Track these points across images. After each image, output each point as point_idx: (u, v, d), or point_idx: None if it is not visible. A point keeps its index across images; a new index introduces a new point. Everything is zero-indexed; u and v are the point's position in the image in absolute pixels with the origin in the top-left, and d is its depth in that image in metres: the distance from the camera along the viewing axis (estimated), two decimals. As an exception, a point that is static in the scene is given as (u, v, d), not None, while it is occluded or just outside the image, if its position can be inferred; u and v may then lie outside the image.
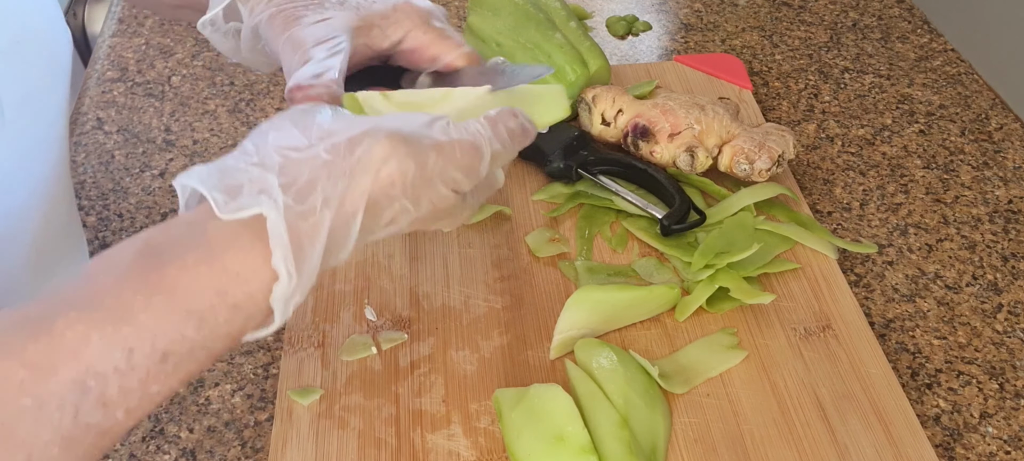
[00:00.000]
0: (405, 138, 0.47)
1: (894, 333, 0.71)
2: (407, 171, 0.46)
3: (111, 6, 1.08)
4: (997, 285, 0.75)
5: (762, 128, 0.79)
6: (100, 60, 0.98)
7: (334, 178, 0.45)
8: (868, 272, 0.76)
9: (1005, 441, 0.64)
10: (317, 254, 0.45)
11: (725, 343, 0.67)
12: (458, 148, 0.49)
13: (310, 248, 0.44)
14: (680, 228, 0.74)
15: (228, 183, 0.44)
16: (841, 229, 0.80)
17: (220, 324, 0.43)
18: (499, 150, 0.51)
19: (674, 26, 1.05)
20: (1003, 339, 0.71)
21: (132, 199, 0.81)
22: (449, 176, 0.48)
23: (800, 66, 0.99)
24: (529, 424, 0.59)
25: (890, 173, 0.86)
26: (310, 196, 0.45)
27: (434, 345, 0.67)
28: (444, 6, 1.08)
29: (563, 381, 0.63)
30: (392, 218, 0.48)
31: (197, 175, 0.45)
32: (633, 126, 0.79)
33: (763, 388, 0.64)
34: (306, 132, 0.47)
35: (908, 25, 1.06)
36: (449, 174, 0.48)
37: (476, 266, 0.73)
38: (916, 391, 0.67)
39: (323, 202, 0.45)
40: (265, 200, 0.44)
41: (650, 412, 0.61)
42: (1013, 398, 0.67)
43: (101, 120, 0.90)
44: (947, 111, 0.93)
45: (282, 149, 0.46)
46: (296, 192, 0.45)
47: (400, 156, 0.46)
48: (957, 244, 0.79)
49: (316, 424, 0.62)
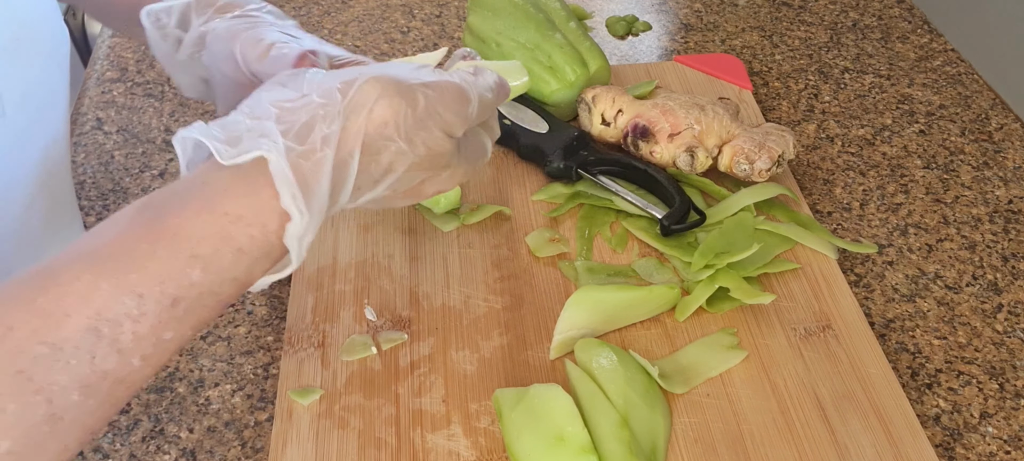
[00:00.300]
0: (395, 79, 0.49)
1: (894, 333, 0.71)
2: (399, 109, 0.48)
3: (111, 6, 1.08)
4: (997, 285, 0.75)
5: (762, 128, 0.79)
6: (100, 60, 0.98)
7: (330, 119, 0.47)
8: (868, 272, 0.76)
9: (1005, 441, 0.64)
10: (324, 191, 0.46)
11: (725, 343, 0.67)
12: (446, 89, 0.51)
13: (316, 185, 0.46)
14: (680, 228, 0.74)
15: (229, 135, 0.46)
16: (841, 229, 0.80)
17: (226, 268, 0.44)
18: (484, 95, 0.53)
19: (674, 26, 1.05)
20: (1003, 339, 0.71)
21: (132, 199, 0.81)
22: (440, 116, 0.50)
23: (800, 66, 0.99)
24: (529, 424, 0.59)
25: (890, 173, 0.86)
26: (309, 136, 0.46)
27: (434, 345, 0.67)
28: (444, 6, 1.08)
29: (563, 381, 0.63)
30: (389, 163, 0.49)
31: (197, 128, 0.46)
32: (633, 126, 0.79)
33: (763, 388, 0.64)
34: (297, 88, 0.49)
35: (908, 25, 1.06)
36: (439, 114, 0.50)
37: (476, 266, 0.73)
38: (916, 391, 0.67)
39: (322, 140, 0.46)
40: (265, 142, 0.45)
41: (650, 412, 0.61)
42: (1013, 398, 0.67)
43: (101, 120, 0.90)
44: (947, 111, 0.93)
45: (277, 102, 0.48)
46: (295, 134, 0.46)
47: (391, 95, 0.48)
48: (957, 244, 0.79)
49: (316, 424, 0.62)
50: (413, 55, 0.64)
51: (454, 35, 1.03)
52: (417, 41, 1.02)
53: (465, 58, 0.64)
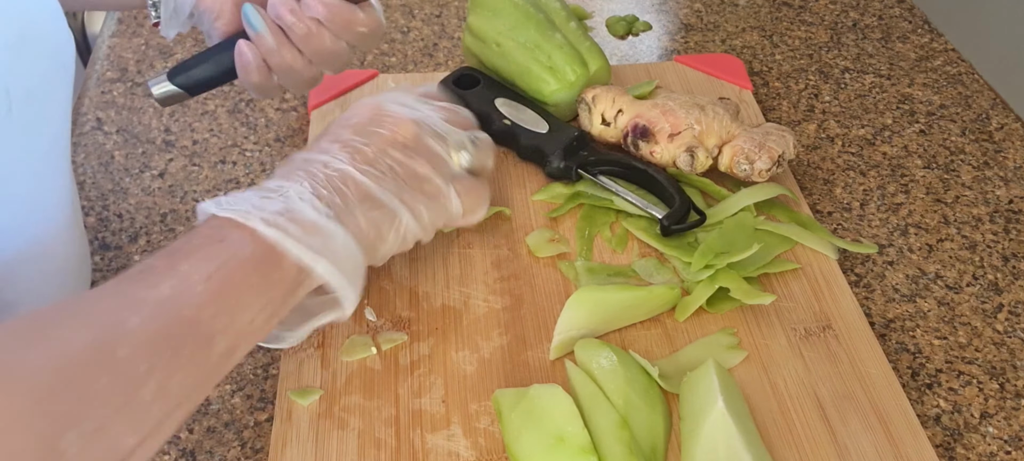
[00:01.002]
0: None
1: (894, 333, 0.71)
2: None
3: (111, 6, 1.08)
4: (998, 285, 0.75)
5: (762, 128, 0.79)
6: (100, 60, 0.98)
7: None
8: (868, 272, 0.76)
9: (1006, 441, 0.64)
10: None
11: (725, 343, 0.67)
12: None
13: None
14: (680, 228, 0.74)
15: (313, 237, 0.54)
16: (841, 229, 0.80)
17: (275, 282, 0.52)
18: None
19: (674, 26, 1.05)
20: (1003, 339, 0.71)
21: (132, 199, 0.81)
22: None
23: (800, 66, 0.99)
24: (529, 424, 0.59)
25: (890, 173, 0.86)
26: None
27: (434, 345, 0.67)
28: (444, 6, 1.08)
29: (563, 381, 0.63)
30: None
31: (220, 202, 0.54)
32: (633, 126, 0.79)
33: (763, 388, 0.64)
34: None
35: (908, 25, 1.06)
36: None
37: (476, 266, 0.73)
38: (916, 391, 0.67)
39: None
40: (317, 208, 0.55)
41: (650, 412, 0.61)
42: (1014, 398, 0.67)
43: (100, 120, 0.90)
44: (948, 111, 0.93)
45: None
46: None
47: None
48: (957, 244, 0.79)
49: (316, 424, 0.62)
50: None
51: (454, 35, 1.03)
52: (417, 41, 1.02)
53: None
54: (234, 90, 0.94)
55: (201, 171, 0.84)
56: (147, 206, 0.81)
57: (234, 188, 0.83)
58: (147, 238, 0.78)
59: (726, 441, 0.58)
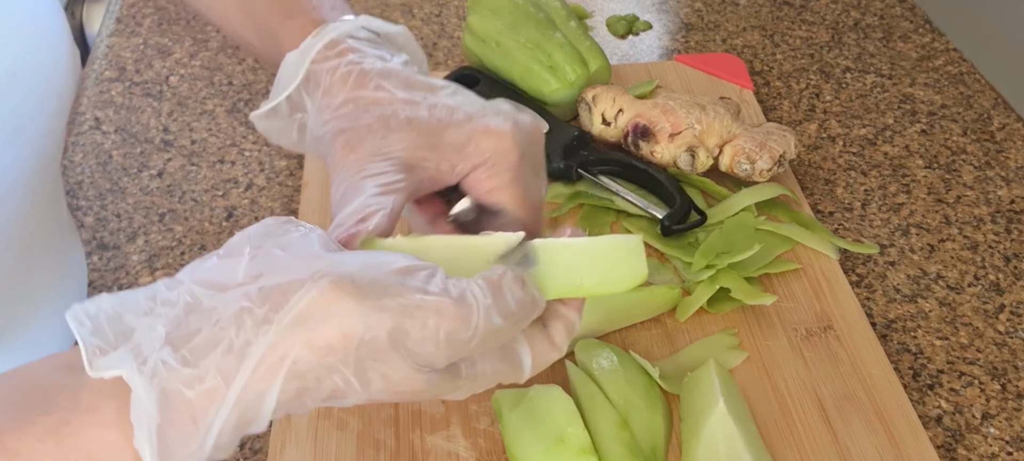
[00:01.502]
0: (359, 289, 0.36)
1: (896, 334, 0.71)
2: (351, 334, 0.36)
3: (109, 5, 1.07)
4: (999, 285, 0.75)
5: (763, 128, 0.79)
6: (98, 60, 0.98)
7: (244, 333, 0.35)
8: (870, 272, 0.76)
9: (1007, 442, 0.64)
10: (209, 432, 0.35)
11: (726, 344, 0.67)
12: (435, 312, 0.37)
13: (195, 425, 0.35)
14: (681, 228, 0.74)
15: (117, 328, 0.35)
16: (842, 229, 0.79)
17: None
18: (498, 325, 0.39)
19: (675, 25, 1.05)
20: (1005, 340, 0.70)
21: (130, 199, 0.81)
22: (413, 348, 0.38)
23: (801, 66, 0.99)
24: (529, 425, 0.59)
25: (892, 173, 0.85)
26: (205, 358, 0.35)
27: (433, 346, 0.67)
28: (444, 6, 1.08)
29: (563, 382, 0.63)
30: (332, 392, 0.38)
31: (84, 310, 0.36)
32: (633, 126, 0.79)
33: (764, 389, 0.64)
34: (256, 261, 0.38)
35: (910, 25, 1.06)
36: (409, 345, 0.37)
37: (476, 266, 0.73)
38: (918, 392, 0.67)
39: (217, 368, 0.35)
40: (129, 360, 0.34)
41: (650, 413, 0.61)
42: (1015, 399, 0.66)
43: (99, 120, 0.90)
44: (949, 111, 0.93)
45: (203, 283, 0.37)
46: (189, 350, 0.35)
47: (345, 314, 0.36)
48: (959, 244, 0.78)
49: (315, 425, 0.61)
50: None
51: (454, 34, 1.02)
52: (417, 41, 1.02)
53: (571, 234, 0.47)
54: (232, 89, 0.94)
55: (199, 171, 0.84)
56: (145, 206, 0.80)
57: (233, 188, 0.82)
58: (145, 238, 0.77)
59: (727, 442, 0.57)
